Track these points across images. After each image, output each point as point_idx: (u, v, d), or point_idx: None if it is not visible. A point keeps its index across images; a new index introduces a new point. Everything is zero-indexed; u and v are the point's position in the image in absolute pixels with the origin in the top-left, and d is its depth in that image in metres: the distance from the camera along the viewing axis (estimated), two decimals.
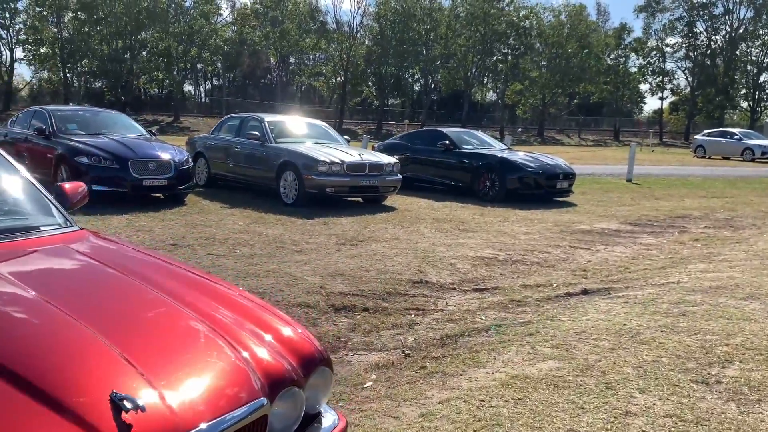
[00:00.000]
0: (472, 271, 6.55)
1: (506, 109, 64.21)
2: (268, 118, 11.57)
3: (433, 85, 67.14)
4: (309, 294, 5.33)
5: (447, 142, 12.76)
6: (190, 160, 10.28)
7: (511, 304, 5.55)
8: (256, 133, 11.05)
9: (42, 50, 52.63)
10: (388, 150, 13.83)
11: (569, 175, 12.15)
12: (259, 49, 61.43)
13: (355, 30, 58.61)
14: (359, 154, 10.41)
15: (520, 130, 64.38)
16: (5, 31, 50.51)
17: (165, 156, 9.76)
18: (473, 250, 7.40)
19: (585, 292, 5.91)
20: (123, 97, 54.41)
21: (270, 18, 57.93)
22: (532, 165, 11.82)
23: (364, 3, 58.70)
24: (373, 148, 14.44)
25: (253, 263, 6.26)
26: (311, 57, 65.65)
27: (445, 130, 13.73)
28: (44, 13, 50.81)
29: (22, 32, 51.37)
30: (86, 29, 50.84)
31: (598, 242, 8.43)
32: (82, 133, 10.32)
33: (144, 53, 54.25)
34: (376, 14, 56.98)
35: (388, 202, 11.14)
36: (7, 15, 49.98)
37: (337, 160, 9.96)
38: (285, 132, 11.43)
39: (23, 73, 60.39)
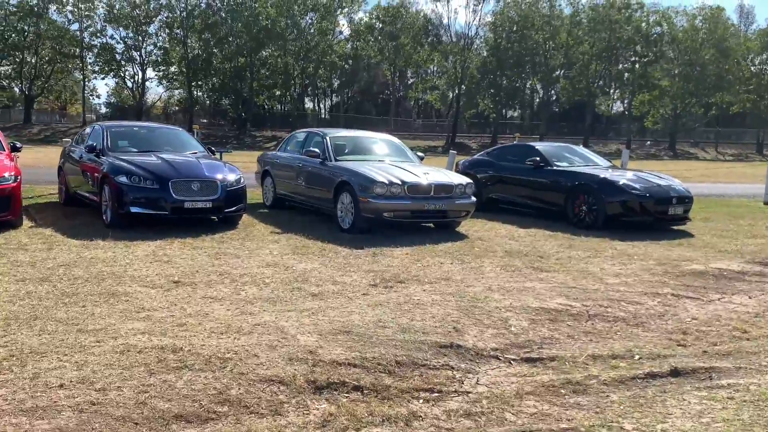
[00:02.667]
0: (527, 330, 5.03)
1: (634, 121, 59.96)
2: (331, 133, 10.52)
3: (553, 96, 64.16)
4: (290, 362, 4.10)
5: (537, 158, 11.10)
6: (242, 180, 9.42)
7: (565, 388, 4.01)
8: (317, 150, 10.04)
9: (171, 70, 55.66)
10: (472, 167, 12.40)
11: (685, 199, 10.09)
12: (374, 65, 61.50)
13: (470, 41, 57.20)
14: (424, 174, 9.07)
15: (648, 143, 59.91)
16: (137, 53, 53.75)
17: (212, 176, 8.96)
18: (539, 298, 5.85)
19: (675, 372, 4.24)
20: (244, 114, 56.27)
21: (385, 33, 57.77)
22: (637, 187, 9.90)
23: (479, 13, 57.22)
24: (457, 166, 13.04)
25: (248, 311, 5.12)
26: (426, 71, 64.89)
27: (536, 144, 12.04)
28: (173, 34, 53.64)
29: (153, 54, 54.53)
30: (210, 49, 53.07)
31: (712, 289, 6.54)
32: (133, 150, 9.78)
33: (263, 71, 55.81)
34: (492, 24, 55.23)
35: (463, 227, 9.71)
36: (140, 38, 53.24)
37: (396, 181, 8.70)
38: (349, 149, 10.32)
39: (159, 91, 63.87)
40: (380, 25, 58.22)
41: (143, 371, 3.84)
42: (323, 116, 69.82)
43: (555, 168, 10.91)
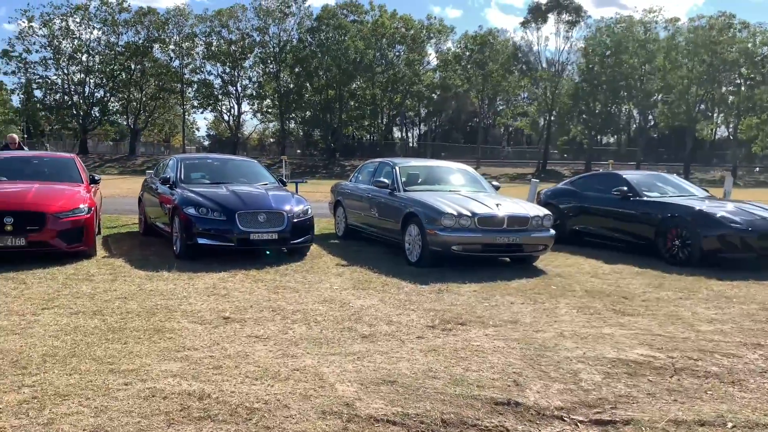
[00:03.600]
0: (600, 386, 4.40)
1: (740, 146, 56.28)
2: (402, 163, 10.20)
3: (651, 121, 61.41)
4: (323, 416, 3.71)
5: (624, 188, 10.28)
6: (309, 211, 9.23)
7: None
8: (386, 180, 9.73)
9: (265, 103, 57.63)
10: (554, 197, 11.70)
11: None
12: (462, 93, 61.23)
13: (561, 67, 55.93)
14: (497, 205, 8.53)
15: (757, 169, 56.05)
16: (233, 87, 56.04)
17: (278, 207, 8.81)
18: (618, 348, 5.19)
19: None
20: (333, 144, 57.29)
21: (474, 60, 57.47)
22: (738, 219, 8.91)
23: (571, 39, 55.88)
24: (539, 195, 12.36)
25: (290, 354, 4.78)
26: (516, 98, 63.91)
27: (624, 173, 11.17)
28: (267, 69, 55.63)
29: (248, 88, 56.68)
30: (301, 82, 54.59)
31: None
32: (205, 182, 9.84)
33: (352, 102, 56.76)
34: (584, 50, 53.75)
35: (541, 262, 9.07)
36: (236, 73, 55.53)
37: (466, 213, 8.21)
38: (419, 179, 9.96)
39: (254, 123, 66.52)
40: (468, 54, 57.97)
41: (162, 421, 3.56)
42: (411, 145, 70.04)
43: (644, 199, 10.06)
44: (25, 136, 63.89)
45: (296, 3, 54.38)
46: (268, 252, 8.87)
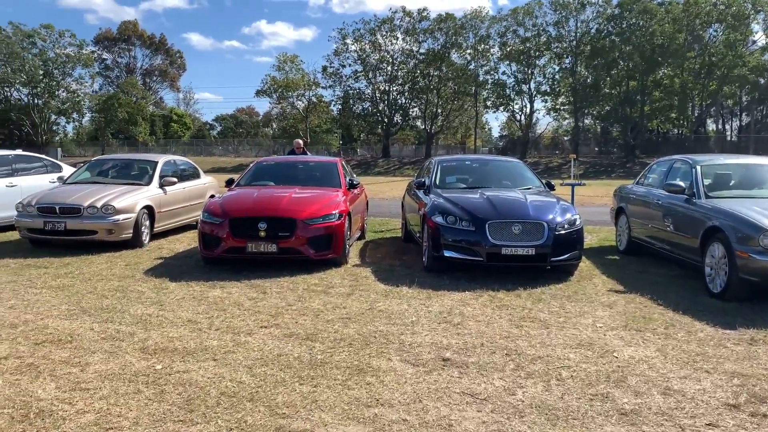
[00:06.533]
0: None
1: None
2: (704, 161, 7.92)
3: None
4: None
5: None
6: (578, 222, 7.63)
7: None
8: (681, 183, 7.64)
9: (559, 100, 55.39)
10: None
11: None
12: None
13: None
14: None
15: None
16: (526, 86, 54.88)
17: (538, 217, 7.41)
18: None
19: None
20: (632, 140, 52.58)
21: None
22: None
23: None
24: None
25: (506, 430, 3.44)
26: None
27: None
28: (562, 64, 53.40)
29: (541, 85, 55.04)
30: (599, 74, 51.16)
31: None
32: (461, 186, 8.87)
33: (656, 92, 51.39)
34: None
35: None
36: (529, 71, 54.30)
37: None
38: (729, 182, 7.64)
39: (547, 121, 64.75)
40: None
41: None
42: (729, 139, 60.95)
43: None
44: (341, 142, 71.44)
45: None
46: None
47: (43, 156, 13.23)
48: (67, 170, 12.34)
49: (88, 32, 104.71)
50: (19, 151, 12.52)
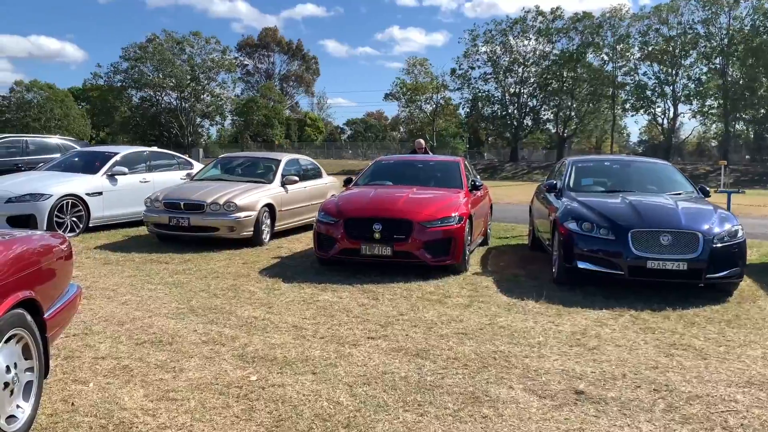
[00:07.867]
0: None
1: None
2: None
3: None
4: None
5: None
6: (739, 233, 6.52)
7: None
8: None
9: (707, 103, 51.21)
10: None
11: None
12: None
13: None
14: None
15: None
16: (669, 88, 51.16)
17: (690, 227, 6.39)
18: None
19: None
20: None
21: None
22: None
23: None
24: None
25: None
26: None
27: None
28: (711, 64, 49.29)
29: (687, 87, 51.09)
30: (754, 75, 46.66)
31: None
32: (599, 190, 7.95)
33: None
34: None
35: None
36: (673, 72, 50.60)
37: None
38: None
39: (693, 125, 60.20)
40: None
41: None
42: None
43: None
44: (467, 146, 70.47)
45: None
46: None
47: (175, 153, 13.67)
48: (198, 168, 12.64)
49: (232, 40, 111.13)
50: (154, 148, 12.98)
